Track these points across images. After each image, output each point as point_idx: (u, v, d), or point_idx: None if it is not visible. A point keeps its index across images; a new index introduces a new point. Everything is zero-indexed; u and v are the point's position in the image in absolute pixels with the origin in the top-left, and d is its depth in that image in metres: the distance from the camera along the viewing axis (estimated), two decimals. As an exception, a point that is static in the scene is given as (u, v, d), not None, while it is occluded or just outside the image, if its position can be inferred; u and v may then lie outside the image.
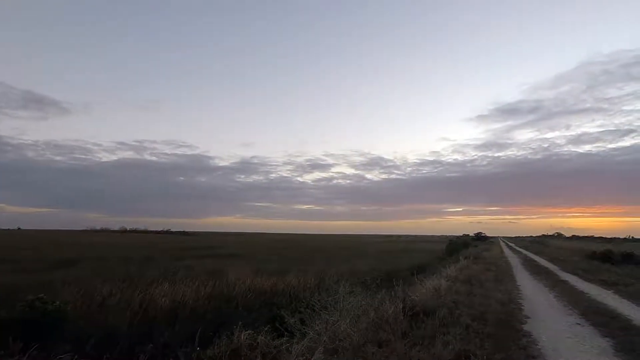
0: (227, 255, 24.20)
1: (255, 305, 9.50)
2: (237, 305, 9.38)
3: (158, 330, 6.54)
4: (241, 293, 10.05)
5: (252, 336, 3.92)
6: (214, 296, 9.59)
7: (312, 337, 4.63)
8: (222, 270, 13.18)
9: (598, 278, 13.21)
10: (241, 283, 10.75)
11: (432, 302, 6.77)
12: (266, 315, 7.86)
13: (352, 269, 14.32)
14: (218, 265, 15.37)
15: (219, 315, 8.30)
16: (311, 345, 4.22)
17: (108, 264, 15.14)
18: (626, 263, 19.53)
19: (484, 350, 4.53)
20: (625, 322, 6.53)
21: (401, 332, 5.16)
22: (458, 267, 14.08)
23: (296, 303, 7.87)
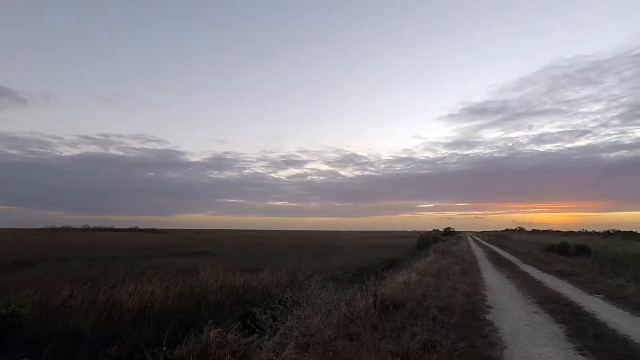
0: (199, 253, 23.66)
1: (227, 303, 9.39)
2: (209, 303, 9.23)
3: (124, 332, 6.32)
4: (213, 291, 9.89)
5: (222, 334, 3.87)
6: (184, 295, 9.37)
7: (283, 333, 4.65)
8: (194, 268, 12.88)
9: (554, 269, 14.09)
10: (213, 281, 10.57)
11: (402, 296, 6.97)
12: (238, 312, 7.79)
13: (325, 265, 14.43)
14: (189, 264, 15.00)
15: (190, 314, 8.14)
16: (282, 341, 4.23)
17: (69, 265, 14.36)
18: (580, 255, 20.95)
19: (449, 339, 4.73)
20: (576, 309, 7.02)
21: (372, 325, 5.28)
22: (427, 261, 14.54)
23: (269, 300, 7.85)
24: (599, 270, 13.62)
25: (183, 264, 15.28)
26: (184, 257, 19.27)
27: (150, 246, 29.66)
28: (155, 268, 12.85)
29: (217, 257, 19.73)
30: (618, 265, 15.15)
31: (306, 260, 16.39)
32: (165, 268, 13.22)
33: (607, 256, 19.00)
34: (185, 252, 24.06)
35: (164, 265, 14.67)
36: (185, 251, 24.72)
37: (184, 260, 17.41)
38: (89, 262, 15.54)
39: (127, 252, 22.46)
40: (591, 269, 14.18)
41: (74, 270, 12.08)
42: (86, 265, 14.29)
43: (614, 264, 15.73)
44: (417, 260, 14.63)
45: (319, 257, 19.31)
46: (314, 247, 31.73)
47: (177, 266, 14.17)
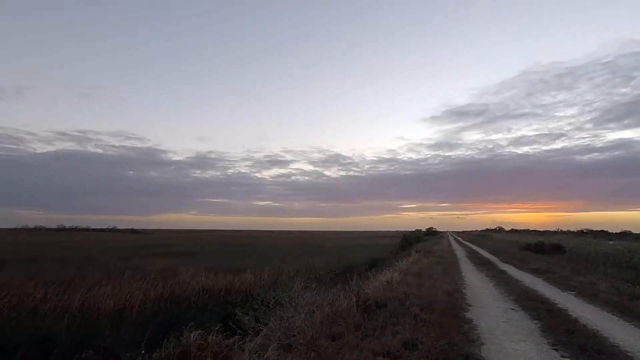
0: (181, 253, 23.21)
1: (209, 305, 9.26)
2: (190, 305, 9.08)
3: (101, 335, 6.13)
4: (194, 293, 9.73)
5: (203, 336, 3.81)
6: (164, 297, 9.18)
7: (266, 334, 4.62)
8: (175, 269, 12.63)
9: (531, 267, 14.57)
10: (195, 282, 10.39)
11: (384, 295, 7.05)
12: (220, 314, 7.70)
13: (309, 265, 14.42)
14: (170, 265, 14.70)
15: (170, 317, 7.98)
16: (265, 342, 4.21)
17: (42, 266, 13.82)
18: (555, 253, 21.73)
19: (429, 337, 4.81)
20: (551, 305, 7.29)
21: (354, 325, 5.31)
22: (410, 261, 14.75)
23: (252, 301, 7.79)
24: (572, 268, 14.17)
25: (163, 264, 14.96)
26: (164, 258, 18.87)
27: (129, 247, 28.89)
28: (134, 269, 12.53)
29: (199, 258, 19.41)
30: (590, 263, 15.80)
31: (290, 261, 16.34)
32: (144, 269, 12.92)
33: (580, 254, 19.76)
34: (166, 252, 23.56)
35: (143, 266, 14.32)
36: (166, 252, 24.20)
37: (164, 261, 17.05)
38: (64, 263, 14.99)
39: (104, 252, 21.80)
40: (565, 266, 14.74)
41: (48, 272, 11.63)
42: (61, 266, 13.78)
43: (586, 262, 16.40)
44: (400, 260, 14.83)
45: (303, 258, 19.29)
46: (297, 247, 31.66)
47: (158, 267, 13.86)
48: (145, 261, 16.75)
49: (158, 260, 17.67)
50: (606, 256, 17.56)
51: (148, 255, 21.27)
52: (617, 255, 17.27)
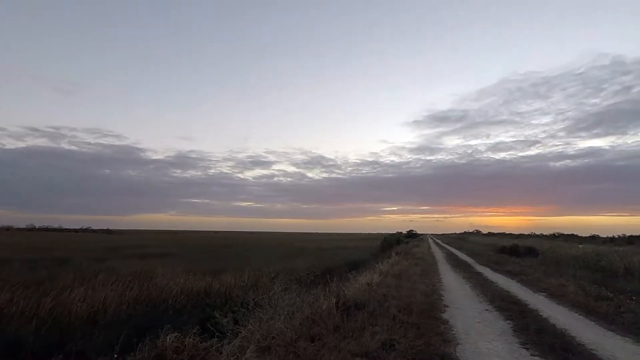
0: (159, 254, 22.63)
1: (187, 307, 9.08)
2: (167, 307, 8.88)
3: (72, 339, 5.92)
4: (172, 295, 9.52)
5: (179, 339, 3.75)
6: (140, 299, 8.94)
7: (244, 336, 4.59)
8: (152, 271, 12.31)
9: (506, 269, 15.05)
10: (172, 284, 10.17)
11: (364, 296, 7.12)
12: (199, 316, 7.59)
13: (290, 267, 14.37)
14: (147, 266, 14.30)
15: (146, 319, 7.77)
16: (243, 344, 4.18)
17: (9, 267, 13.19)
18: (528, 256, 22.50)
19: (407, 338, 4.90)
20: (523, 306, 7.56)
21: (334, 326, 5.34)
22: (390, 263, 14.94)
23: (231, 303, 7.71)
24: (544, 270, 14.71)
25: (140, 266, 14.55)
26: (141, 259, 18.35)
27: (104, 247, 27.95)
28: (109, 271, 12.14)
29: (178, 259, 18.99)
30: (561, 266, 16.46)
31: (271, 262, 16.23)
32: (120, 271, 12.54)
33: (552, 257, 20.57)
34: (144, 253, 22.92)
35: (119, 267, 13.90)
36: (144, 253, 23.54)
37: (141, 262, 16.58)
38: (33, 264, 14.35)
39: (77, 253, 21.00)
40: (538, 269, 15.28)
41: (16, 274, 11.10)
42: (29, 268, 13.19)
43: (557, 265, 17.07)
44: (381, 262, 15.00)
45: (284, 259, 19.20)
46: (279, 248, 31.48)
47: (134, 269, 13.47)
48: (121, 262, 16.26)
49: (134, 261, 17.18)
50: (575, 259, 18.36)
51: (124, 256, 20.65)
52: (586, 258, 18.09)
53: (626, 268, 13.96)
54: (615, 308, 7.31)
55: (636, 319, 6.44)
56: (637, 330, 5.83)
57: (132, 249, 26.97)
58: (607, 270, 14.45)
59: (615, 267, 14.61)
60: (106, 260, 17.40)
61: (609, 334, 5.68)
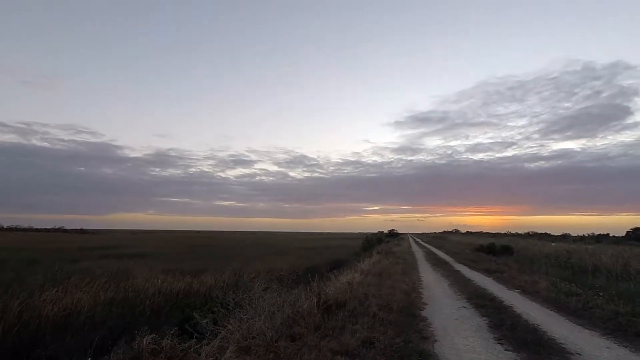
0: (136, 255, 22.01)
1: (166, 308, 8.90)
2: (145, 309, 8.66)
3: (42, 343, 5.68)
4: (150, 296, 9.29)
5: (156, 340, 3.66)
6: (116, 301, 8.68)
7: (224, 337, 4.53)
8: (129, 271, 11.98)
9: (482, 267, 15.48)
10: (150, 285, 9.92)
11: (345, 295, 7.17)
12: (177, 317, 7.44)
13: (272, 266, 14.29)
14: (124, 267, 13.91)
15: (122, 321, 7.56)
16: (223, 345, 4.12)
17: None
18: (504, 254, 23.22)
19: (386, 336, 4.97)
20: (498, 303, 7.80)
21: (314, 325, 5.35)
22: (371, 262, 15.10)
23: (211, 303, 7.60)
24: (519, 267, 15.23)
25: (116, 267, 14.13)
26: (117, 260, 17.81)
27: (77, 248, 26.95)
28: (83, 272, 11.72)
29: (156, 259, 18.54)
30: (534, 263, 17.08)
31: (252, 262, 16.10)
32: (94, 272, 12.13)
33: (526, 255, 21.33)
34: (120, 254, 22.25)
35: (93, 268, 13.44)
36: (120, 253, 22.86)
37: (117, 263, 16.10)
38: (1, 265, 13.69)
39: (49, 254, 20.17)
40: (513, 266, 15.79)
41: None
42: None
43: (531, 262, 17.70)
44: (362, 261, 15.14)
45: (266, 258, 19.08)
46: (260, 248, 31.25)
47: (109, 270, 13.07)
48: (96, 263, 15.74)
49: (110, 262, 16.66)
50: (548, 257, 19.11)
51: (99, 256, 20.01)
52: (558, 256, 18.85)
53: (594, 265, 14.64)
54: (583, 303, 7.64)
55: (602, 313, 6.76)
56: (603, 325, 6.12)
57: (108, 249, 26.15)
58: (577, 267, 15.12)
59: (584, 264, 15.30)
60: (80, 261, 16.78)
61: (577, 328, 5.94)
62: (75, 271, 11.99)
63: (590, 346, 4.95)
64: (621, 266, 13.41)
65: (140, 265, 13.77)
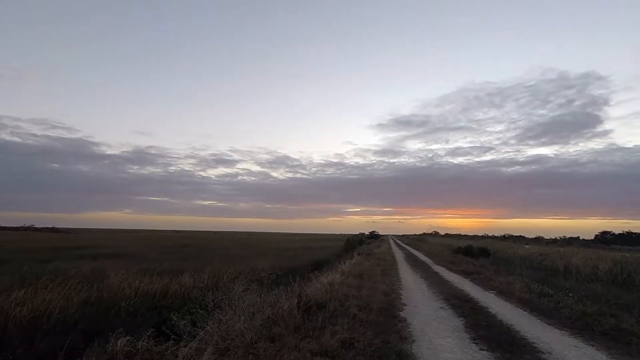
0: (112, 254, 21.35)
1: (142, 310, 8.69)
2: (120, 310, 8.43)
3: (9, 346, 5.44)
4: (126, 297, 9.05)
5: (132, 343, 3.57)
6: (90, 302, 8.42)
7: (202, 338, 4.47)
8: (104, 272, 11.60)
9: (460, 269, 15.84)
10: (126, 286, 9.66)
11: (325, 296, 7.19)
12: (154, 319, 7.28)
13: (252, 267, 14.17)
14: (98, 267, 13.45)
15: (96, 323, 7.34)
16: (200, 347, 4.06)
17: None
18: (481, 256, 23.87)
19: (366, 336, 5.02)
20: (475, 304, 8.01)
21: (294, 326, 5.35)
22: (352, 263, 15.20)
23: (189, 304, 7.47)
24: (495, 269, 15.67)
25: (90, 267, 13.66)
26: (92, 260, 17.22)
27: (49, 248, 25.89)
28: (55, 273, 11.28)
29: (133, 260, 18.04)
30: (510, 265, 17.64)
31: (233, 262, 15.90)
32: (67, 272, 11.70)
33: (502, 257, 21.99)
34: (94, 254, 21.50)
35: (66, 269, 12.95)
36: (95, 253, 22.09)
37: (92, 263, 15.57)
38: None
39: (18, 254, 19.30)
40: (489, 268, 16.25)
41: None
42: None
43: (506, 264, 18.27)
44: (343, 262, 15.21)
45: (247, 259, 18.88)
46: (241, 248, 30.91)
47: (83, 270, 12.63)
48: (69, 263, 15.15)
49: (84, 262, 16.08)
50: (522, 259, 19.76)
51: (72, 257, 19.28)
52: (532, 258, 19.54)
53: (565, 267, 15.26)
54: (554, 304, 7.95)
55: (572, 313, 7.05)
56: (572, 324, 6.39)
57: (82, 249, 25.24)
58: (549, 269, 15.72)
59: (556, 266, 15.92)
60: (51, 261, 16.11)
61: (548, 327, 6.17)
62: (47, 271, 11.52)
63: (560, 345, 5.15)
64: (590, 268, 14.04)
65: (116, 266, 13.36)
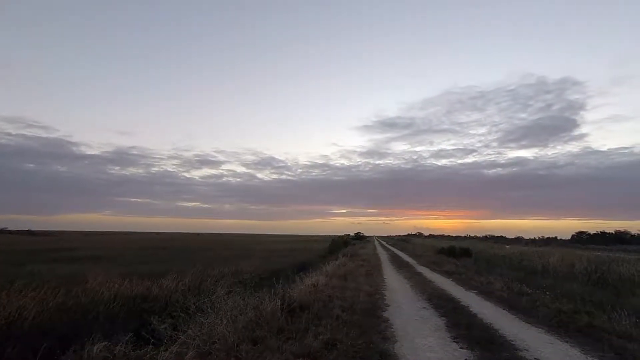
0: (90, 257, 20.75)
1: (121, 314, 8.47)
2: (98, 315, 8.20)
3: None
4: (104, 301, 8.81)
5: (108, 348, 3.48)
6: (67, 307, 8.15)
7: (183, 342, 4.39)
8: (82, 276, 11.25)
9: (443, 269, 16.11)
10: (105, 289, 9.40)
11: (309, 298, 7.18)
12: (134, 323, 7.10)
13: (236, 269, 14.03)
14: (76, 271, 13.06)
15: (73, 329, 7.10)
16: (181, 351, 4.00)
17: None
18: (464, 256, 24.33)
19: (349, 337, 5.04)
20: (456, 303, 8.16)
21: (277, 328, 5.32)
22: (336, 264, 15.24)
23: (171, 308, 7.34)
24: (476, 269, 16.02)
25: (68, 270, 13.25)
26: (69, 263, 16.71)
27: (24, 250, 24.98)
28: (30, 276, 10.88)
29: (113, 263, 17.58)
30: (490, 265, 18.05)
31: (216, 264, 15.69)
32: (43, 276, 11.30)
33: (483, 257, 22.47)
34: (72, 257, 20.88)
35: (42, 272, 12.52)
36: (72, 256, 21.45)
37: (69, 266, 15.11)
38: None
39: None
40: (471, 268, 16.59)
41: None
42: None
43: (488, 264, 18.69)
44: (328, 264, 15.23)
45: (231, 261, 18.66)
46: (226, 250, 30.55)
47: (60, 273, 12.23)
48: (45, 267, 14.64)
49: (61, 266, 15.59)
50: (503, 259, 20.25)
51: (48, 260, 18.63)
52: (512, 258, 20.04)
53: (543, 266, 15.73)
54: (532, 302, 8.18)
55: (548, 311, 7.27)
56: (549, 322, 6.59)
57: (59, 252, 24.44)
58: (528, 268, 16.16)
59: (534, 265, 16.39)
60: (26, 264, 15.54)
61: (526, 326, 6.35)
62: (21, 275, 11.09)
63: (536, 342, 5.31)
64: (567, 267, 14.52)
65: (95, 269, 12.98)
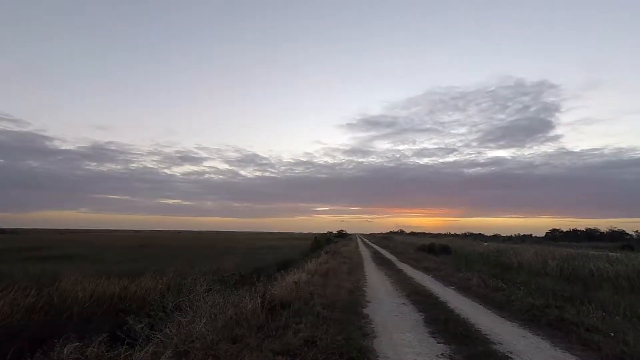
0: (64, 256, 20.08)
1: (97, 314, 8.26)
2: (72, 315, 7.96)
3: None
4: (79, 301, 8.56)
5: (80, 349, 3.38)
6: (38, 308, 7.88)
7: (160, 342, 4.31)
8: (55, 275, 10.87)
9: (423, 266, 16.42)
10: (79, 289, 9.13)
11: (290, 295, 7.17)
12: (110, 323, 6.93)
13: (217, 267, 13.86)
14: (50, 270, 12.60)
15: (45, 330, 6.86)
16: (158, 350, 3.92)
17: None
18: (443, 253, 24.88)
19: (328, 334, 5.07)
20: (435, 299, 8.34)
21: (257, 326, 5.29)
22: (319, 262, 15.27)
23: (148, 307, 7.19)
24: (455, 266, 16.40)
25: (40, 270, 12.76)
26: (41, 263, 16.10)
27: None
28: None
29: (88, 261, 17.06)
30: (469, 262, 18.51)
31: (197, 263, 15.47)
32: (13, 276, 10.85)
33: (462, 254, 23.02)
34: (45, 255, 20.14)
35: (12, 272, 12.01)
36: (45, 255, 20.68)
37: (41, 266, 14.55)
38: None
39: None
40: (450, 265, 16.98)
41: None
42: None
43: (466, 261, 19.15)
44: (310, 261, 15.26)
45: (212, 259, 18.44)
46: (207, 248, 30.14)
47: (31, 273, 11.78)
48: (15, 266, 14.05)
49: (32, 265, 15.00)
50: (481, 255, 20.82)
51: (18, 259, 17.90)
52: (489, 254, 20.62)
53: (519, 263, 16.27)
54: (507, 297, 8.45)
55: (521, 306, 7.53)
56: (522, 316, 6.83)
57: (29, 251, 23.51)
58: (504, 264, 16.69)
59: (510, 262, 16.94)
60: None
61: (500, 320, 6.56)
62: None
63: (510, 336, 5.49)
64: (540, 263, 15.06)
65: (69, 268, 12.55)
